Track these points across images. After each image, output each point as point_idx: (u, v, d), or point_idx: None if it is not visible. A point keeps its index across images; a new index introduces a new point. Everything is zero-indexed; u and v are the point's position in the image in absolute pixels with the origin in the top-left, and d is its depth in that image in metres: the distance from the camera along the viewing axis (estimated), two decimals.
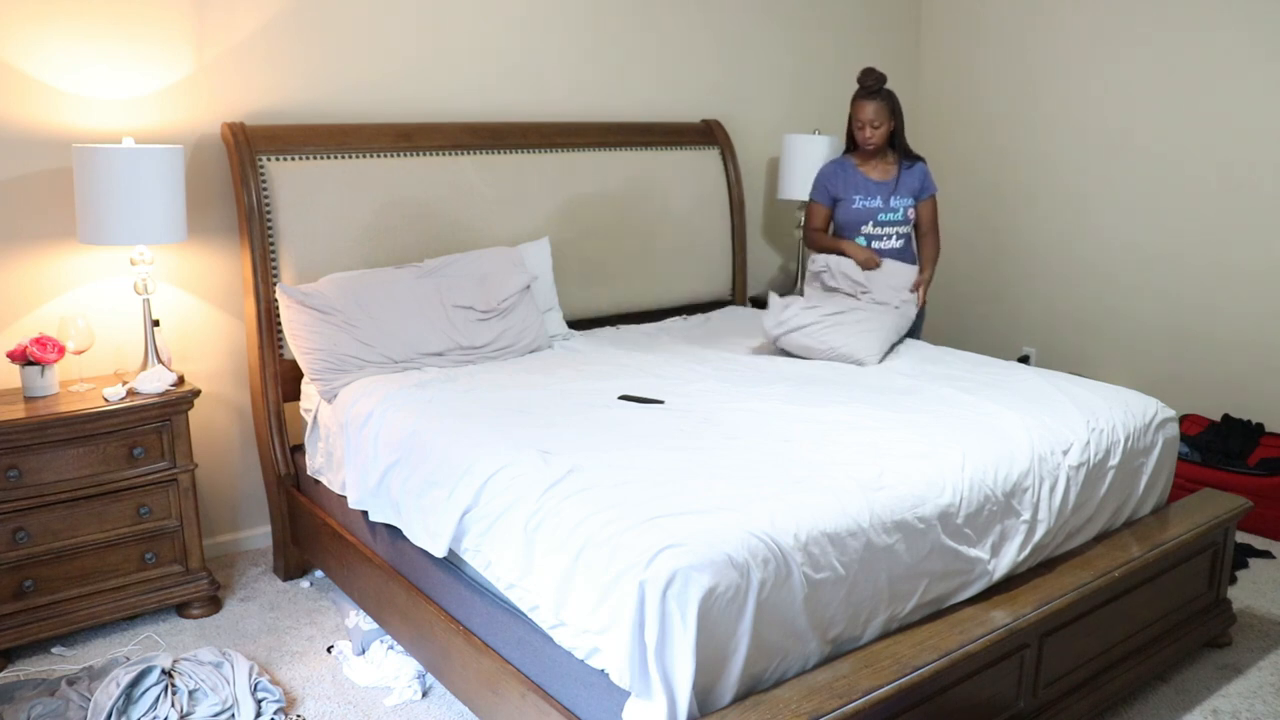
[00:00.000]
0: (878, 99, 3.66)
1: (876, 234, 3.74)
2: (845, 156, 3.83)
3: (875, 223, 3.73)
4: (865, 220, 3.74)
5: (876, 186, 3.73)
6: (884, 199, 3.72)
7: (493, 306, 3.18)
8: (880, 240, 3.74)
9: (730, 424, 2.47)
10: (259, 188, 3.06)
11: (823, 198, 3.82)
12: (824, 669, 1.90)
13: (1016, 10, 4.60)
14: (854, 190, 3.74)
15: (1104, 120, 4.34)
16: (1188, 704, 2.53)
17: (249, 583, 3.18)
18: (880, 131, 3.67)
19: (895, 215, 3.73)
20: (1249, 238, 3.94)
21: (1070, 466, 2.43)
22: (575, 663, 1.94)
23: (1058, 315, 4.62)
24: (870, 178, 3.75)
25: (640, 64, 4.06)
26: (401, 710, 2.50)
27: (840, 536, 1.95)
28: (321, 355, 2.89)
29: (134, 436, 2.78)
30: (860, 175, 3.75)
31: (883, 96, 3.66)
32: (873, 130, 3.67)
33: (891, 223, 3.74)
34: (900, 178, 3.74)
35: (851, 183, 3.75)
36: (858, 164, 3.78)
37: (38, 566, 2.70)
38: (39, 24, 2.84)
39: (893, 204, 3.72)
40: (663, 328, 3.69)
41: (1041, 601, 2.19)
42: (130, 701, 2.36)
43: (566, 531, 1.96)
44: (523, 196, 3.56)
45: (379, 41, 3.40)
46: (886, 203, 3.72)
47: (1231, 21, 3.89)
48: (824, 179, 3.82)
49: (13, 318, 2.93)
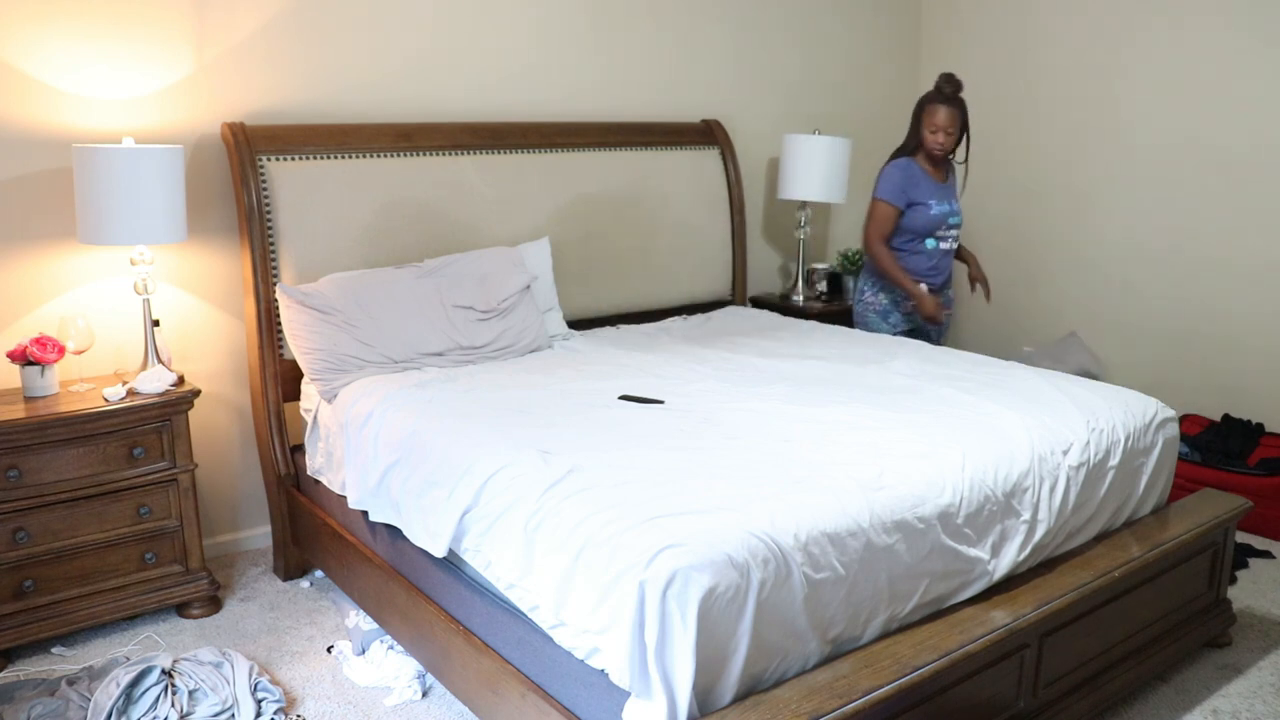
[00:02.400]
0: (954, 106, 3.61)
1: (944, 236, 3.72)
2: (909, 159, 3.72)
3: (946, 226, 3.70)
4: (939, 225, 3.68)
5: (943, 190, 3.70)
6: (949, 202, 3.70)
7: (493, 306, 3.18)
8: (946, 242, 3.73)
9: (730, 424, 2.47)
10: (259, 188, 3.06)
11: (898, 199, 3.65)
12: (824, 669, 1.90)
13: (1017, 10, 4.60)
14: (929, 195, 3.67)
15: (1104, 121, 4.34)
16: (1188, 704, 2.53)
17: (249, 583, 3.18)
18: (952, 139, 3.64)
19: (959, 219, 3.75)
20: (1249, 238, 3.94)
21: (1070, 466, 2.43)
22: (575, 663, 1.94)
23: (1058, 315, 4.62)
24: (937, 181, 3.71)
25: (640, 64, 4.06)
26: (401, 710, 2.50)
27: (840, 536, 1.95)
28: (321, 355, 2.89)
29: (134, 436, 2.78)
30: (929, 178, 3.69)
31: (959, 104, 3.62)
32: (946, 137, 3.61)
33: (957, 225, 3.74)
34: (951, 179, 3.76)
35: (924, 187, 3.68)
36: (920, 165, 3.71)
37: (38, 566, 2.70)
38: (39, 24, 2.84)
39: (955, 207, 3.72)
40: (663, 328, 3.69)
41: (1041, 601, 2.19)
42: (130, 701, 2.36)
43: (566, 531, 1.96)
44: (523, 196, 3.56)
45: (379, 41, 3.40)
46: (952, 206, 3.71)
47: (1235, 20, 3.89)
48: (900, 180, 3.67)
49: (13, 318, 2.93)
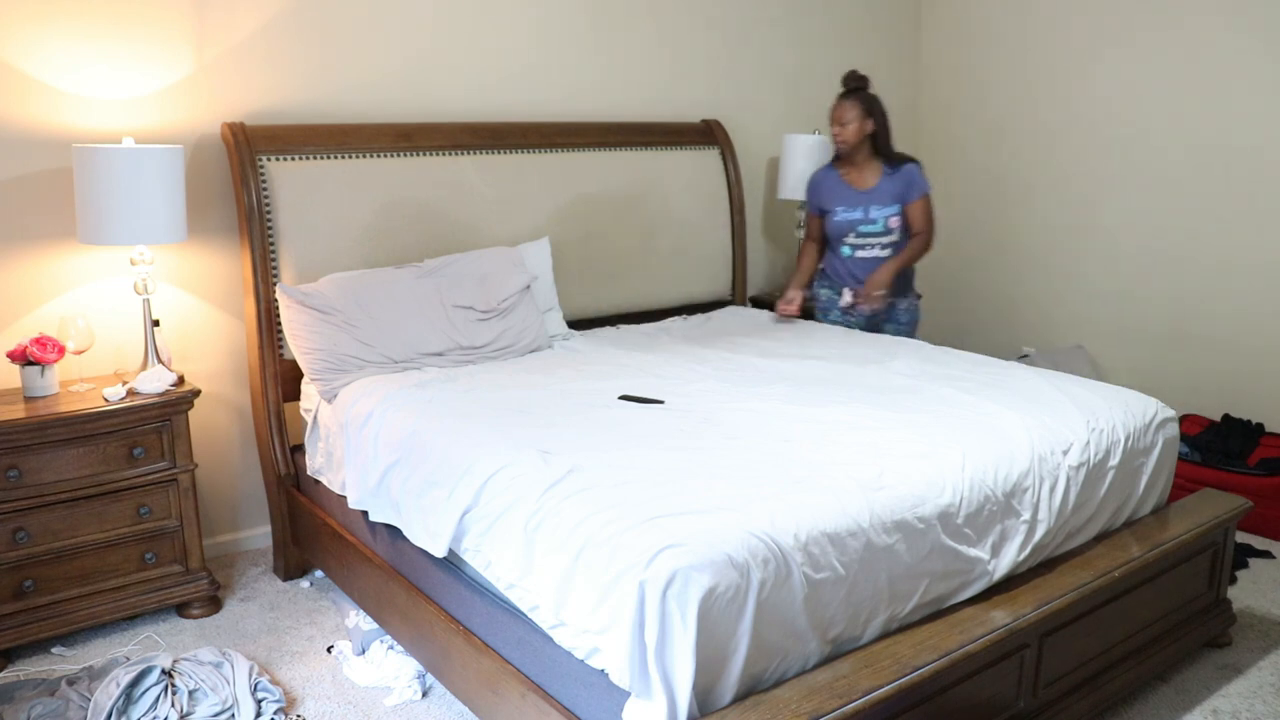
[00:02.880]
0: (850, 98, 3.60)
1: (859, 244, 3.68)
2: (832, 164, 3.78)
3: (856, 234, 3.66)
4: (847, 232, 3.67)
5: (858, 196, 3.65)
6: (864, 210, 3.63)
7: (493, 306, 3.18)
8: (864, 250, 3.68)
9: (730, 424, 2.47)
10: (259, 188, 3.06)
11: (813, 207, 3.80)
12: (824, 669, 1.90)
13: (1017, 10, 4.59)
14: (837, 201, 3.68)
15: (1104, 120, 4.34)
16: (1188, 704, 2.53)
17: (249, 583, 3.18)
18: (850, 130, 3.58)
19: (875, 227, 3.64)
20: (1249, 238, 3.94)
21: (1070, 466, 2.43)
22: (575, 663, 1.94)
23: (1058, 315, 4.62)
24: (853, 186, 3.67)
25: (640, 64, 4.06)
26: (401, 710, 2.50)
27: (840, 536, 1.95)
28: (321, 355, 2.89)
29: (134, 436, 2.78)
30: (843, 185, 3.68)
31: (858, 96, 3.59)
32: (840, 128, 3.60)
33: (873, 234, 3.65)
34: (881, 185, 3.65)
35: (834, 193, 3.70)
36: (842, 173, 3.71)
37: (38, 566, 2.70)
38: (39, 24, 2.84)
39: (872, 215, 3.62)
40: (663, 328, 3.69)
41: (1041, 601, 2.18)
42: (130, 701, 2.36)
43: (566, 531, 1.96)
44: (523, 196, 3.56)
45: (379, 41, 3.41)
46: (866, 213, 3.63)
47: (1232, 21, 3.89)
48: (810, 188, 3.80)
49: (13, 318, 2.93)
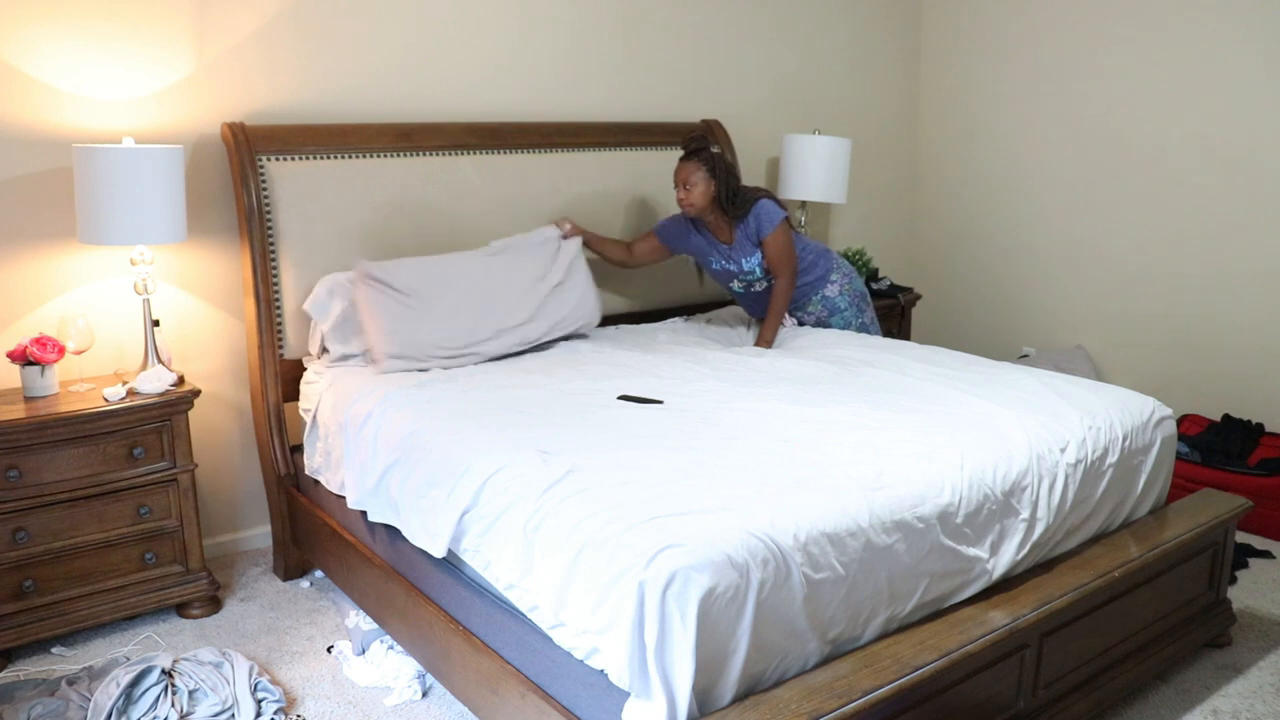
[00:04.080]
0: (693, 159, 3.37)
1: (746, 284, 3.55)
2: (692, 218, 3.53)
3: (739, 280, 3.55)
4: (731, 279, 3.56)
5: (725, 250, 3.49)
6: (736, 263, 3.48)
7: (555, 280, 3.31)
8: (754, 287, 3.55)
9: (729, 424, 2.47)
10: (259, 188, 3.06)
11: (662, 236, 3.59)
12: (824, 669, 1.90)
13: (1017, 11, 4.59)
14: (707, 254, 3.53)
15: (1104, 121, 4.34)
16: (1188, 704, 2.53)
17: (249, 583, 3.19)
18: (696, 193, 3.36)
19: (754, 274, 3.49)
20: (1249, 238, 3.94)
21: (1068, 464, 2.43)
22: (575, 663, 1.94)
23: (1058, 315, 4.62)
24: (718, 240, 3.50)
25: (640, 64, 4.06)
26: (401, 710, 2.50)
27: (840, 536, 1.95)
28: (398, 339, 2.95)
29: (134, 436, 2.78)
30: (709, 238, 3.50)
31: (700, 157, 3.36)
32: (686, 191, 3.36)
33: (754, 278, 3.52)
34: (738, 238, 3.45)
35: (703, 247, 3.53)
36: (708, 225, 3.50)
37: (38, 566, 2.70)
38: (39, 24, 2.84)
39: (745, 266, 3.47)
40: (663, 328, 3.69)
41: (1041, 601, 2.19)
42: (130, 701, 2.36)
43: (566, 532, 1.96)
44: (523, 196, 3.56)
45: (379, 41, 3.40)
46: (740, 266, 3.48)
47: (1233, 24, 3.89)
48: (674, 231, 3.56)
49: (13, 318, 2.93)
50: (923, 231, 5.14)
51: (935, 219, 5.07)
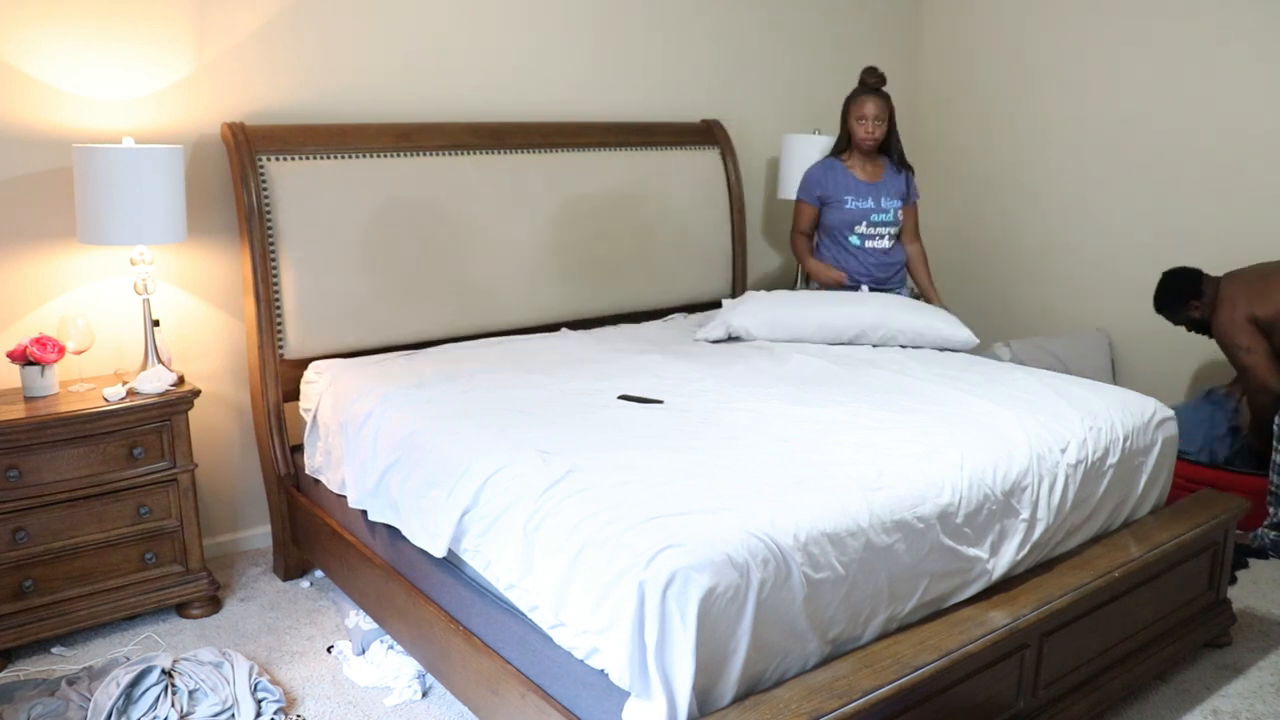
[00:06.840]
0: (881, 97, 3.72)
1: (869, 234, 3.79)
2: (834, 158, 3.86)
3: (869, 223, 3.78)
4: (859, 221, 3.77)
5: (867, 188, 3.77)
6: (875, 200, 3.76)
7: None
8: (873, 240, 3.79)
9: (729, 424, 2.47)
10: (259, 188, 3.06)
11: (810, 199, 3.85)
12: (824, 669, 1.90)
13: (1017, 10, 4.59)
14: (845, 191, 3.77)
15: (1103, 119, 4.34)
16: (1188, 704, 2.54)
17: (249, 583, 3.18)
18: (881, 128, 3.73)
19: (887, 216, 3.78)
20: (1249, 238, 3.93)
21: (1069, 464, 2.43)
22: (575, 663, 1.94)
23: (1057, 315, 4.62)
24: (860, 179, 3.78)
25: (640, 64, 4.06)
26: (401, 710, 2.50)
27: (840, 536, 1.95)
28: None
29: (134, 436, 2.78)
30: (851, 176, 3.79)
31: (885, 97, 3.73)
32: (875, 125, 3.71)
33: (884, 223, 3.79)
34: (888, 179, 3.80)
35: (842, 184, 3.78)
36: (848, 165, 3.81)
37: (38, 566, 2.70)
38: (39, 24, 2.84)
39: (884, 204, 3.77)
40: (662, 327, 3.69)
41: (1041, 601, 2.19)
42: (130, 701, 2.36)
43: (566, 532, 1.96)
44: (523, 196, 3.56)
45: (379, 41, 3.40)
46: (878, 203, 3.76)
47: (1232, 21, 3.89)
48: (813, 180, 3.85)
49: (13, 318, 2.93)
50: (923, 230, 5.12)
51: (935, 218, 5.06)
